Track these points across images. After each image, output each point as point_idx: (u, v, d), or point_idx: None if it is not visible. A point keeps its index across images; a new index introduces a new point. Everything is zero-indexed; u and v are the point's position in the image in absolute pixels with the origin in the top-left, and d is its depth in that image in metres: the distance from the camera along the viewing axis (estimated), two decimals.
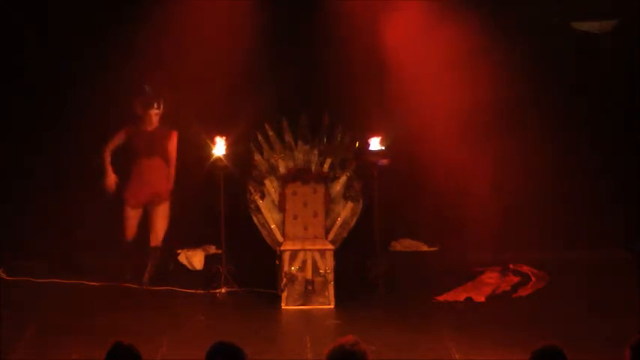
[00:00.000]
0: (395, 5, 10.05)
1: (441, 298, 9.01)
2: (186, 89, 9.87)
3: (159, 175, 9.30)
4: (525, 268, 9.74)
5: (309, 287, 8.83)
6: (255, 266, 9.56)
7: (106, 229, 9.78)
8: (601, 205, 10.29)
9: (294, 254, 8.89)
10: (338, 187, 9.41)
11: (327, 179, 9.35)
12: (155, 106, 9.28)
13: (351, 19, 9.95)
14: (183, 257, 10.09)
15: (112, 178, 9.31)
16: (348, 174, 9.40)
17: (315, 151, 9.42)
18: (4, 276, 9.66)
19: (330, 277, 8.84)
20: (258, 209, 9.27)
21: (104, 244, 9.83)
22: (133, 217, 9.35)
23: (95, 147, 9.54)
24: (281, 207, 9.34)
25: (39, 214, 10.01)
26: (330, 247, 9.02)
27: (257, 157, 9.35)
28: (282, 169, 9.37)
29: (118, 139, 9.34)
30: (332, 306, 8.81)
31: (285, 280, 8.84)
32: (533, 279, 9.54)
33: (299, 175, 9.34)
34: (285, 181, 9.33)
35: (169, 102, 9.81)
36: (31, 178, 10.05)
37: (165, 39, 9.89)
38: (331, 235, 9.30)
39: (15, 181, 10.02)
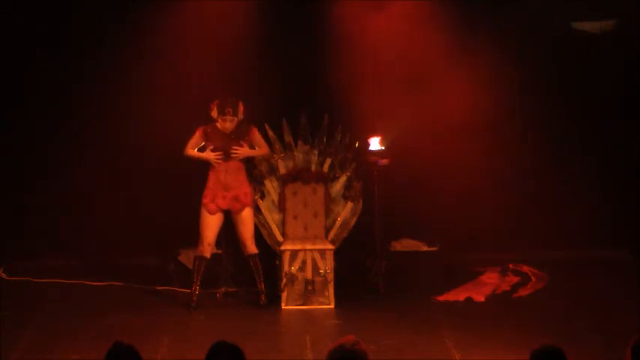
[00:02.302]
0: (395, 6, 10.05)
1: (441, 298, 9.01)
2: (186, 90, 9.88)
3: (238, 178, 8.87)
4: (525, 268, 9.74)
5: (309, 287, 8.84)
6: None
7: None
8: (601, 205, 10.28)
9: (294, 254, 8.90)
10: (338, 187, 9.41)
11: (327, 179, 9.36)
12: (229, 112, 8.76)
13: (351, 20, 9.95)
14: (183, 257, 10.07)
15: (209, 154, 8.77)
16: (348, 174, 9.41)
17: (315, 151, 9.43)
18: (4, 276, 9.66)
19: (330, 277, 8.85)
20: (258, 209, 9.27)
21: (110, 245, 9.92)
22: (212, 224, 8.82)
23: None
24: (281, 207, 9.34)
25: (40, 214, 10.03)
26: (330, 247, 9.02)
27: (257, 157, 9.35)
28: (282, 169, 9.38)
29: (195, 140, 8.84)
30: (332, 306, 8.81)
31: (285, 280, 8.84)
32: (533, 279, 9.54)
33: (299, 175, 9.35)
34: (285, 181, 9.33)
35: (170, 102, 9.85)
36: (32, 177, 10.07)
37: (166, 39, 9.89)
38: (331, 235, 9.31)
39: (15, 181, 10.03)
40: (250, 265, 8.90)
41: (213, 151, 8.82)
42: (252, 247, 8.89)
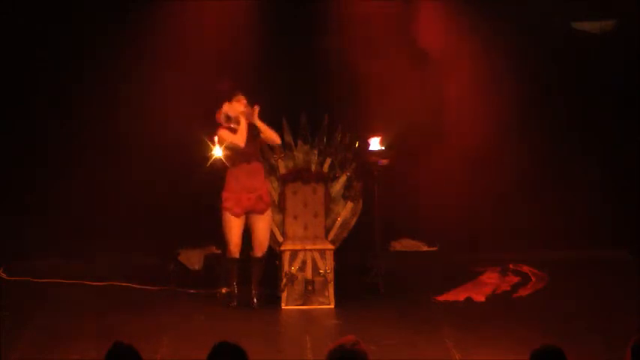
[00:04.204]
0: (395, 6, 10.06)
1: (441, 298, 9.01)
2: (186, 89, 9.88)
3: (259, 178, 8.77)
4: (525, 268, 9.74)
5: (309, 287, 8.83)
6: None
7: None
8: (601, 206, 10.29)
9: (294, 254, 8.89)
10: (338, 187, 9.41)
11: (327, 179, 9.36)
12: (239, 92, 8.73)
13: (352, 19, 9.96)
14: (183, 257, 10.09)
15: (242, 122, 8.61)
16: (348, 174, 9.41)
17: (315, 151, 9.43)
18: (4, 276, 9.66)
19: (330, 277, 8.84)
20: None
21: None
22: (236, 226, 8.69)
23: None
24: (281, 207, 9.34)
25: (40, 214, 10.03)
26: (330, 247, 9.02)
27: None
28: (282, 169, 9.37)
29: (226, 133, 8.65)
30: (332, 306, 8.81)
31: (285, 280, 8.84)
32: (533, 279, 9.54)
33: (299, 175, 9.34)
34: (285, 181, 9.33)
35: (170, 102, 9.86)
36: (32, 177, 10.07)
37: (166, 39, 9.90)
38: (331, 235, 9.31)
39: (15, 181, 10.04)
40: (254, 268, 8.82)
41: (234, 153, 8.68)
42: (263, 250, 8.83)
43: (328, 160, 9.40)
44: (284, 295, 8.83)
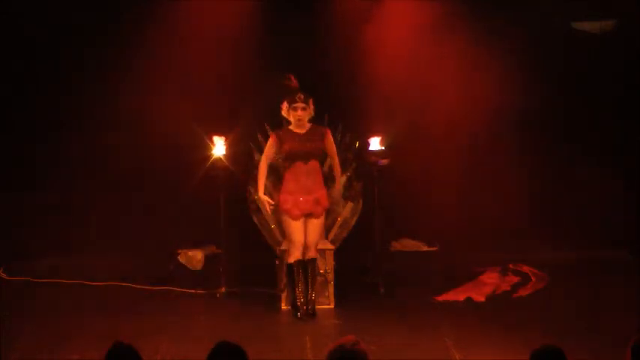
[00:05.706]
0: (396, 5, 10.06)
1: (441, 298, 9.01)
2: (186, 89, 9.88)
3: (317, 180, 8.55)
4: (525, 268, 9.74)
5: None
6: (256, 266, 9.56)
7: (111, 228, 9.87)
8: (601, 205, 10.29)
9: None
10: (338, 187, 9.40)
11: (327, 179, 9.34)
12: (300, 99, 8.52)
13: (352, 19, 9.96)
14: (183, 257, 10.08)
15: (265, 202, 8.65)
16: (348, 174, 9.40)
17: None
18: (4, 276, 9.66)
19: (330, 277, 8.84)
20: (258, 209, 9.26)
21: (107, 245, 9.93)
22: (299, 227, 8.46)
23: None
24: None
25: (40, 214, 10.03)
26: (330, 247, 9.01)
27: (257, 157, 9.34)
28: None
29: (270, 149, 8.56)
30: (332, 306, 8.80)
31: (285, 280, 8.82)
32: (533, 279, 9.54)
33: None
34: None
35: (170, 102, 9.85)
36: (32, 178, 10.07)
37: (166, 38, 9.90)
38: (331, 235, 9.29)
39: (15, 181, 10.04)
40: (307, 269, 8.58)
41: (287, 153, 8.53)
42: (314, 252, 8.60)
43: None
44: (284, 295, 8.82)
